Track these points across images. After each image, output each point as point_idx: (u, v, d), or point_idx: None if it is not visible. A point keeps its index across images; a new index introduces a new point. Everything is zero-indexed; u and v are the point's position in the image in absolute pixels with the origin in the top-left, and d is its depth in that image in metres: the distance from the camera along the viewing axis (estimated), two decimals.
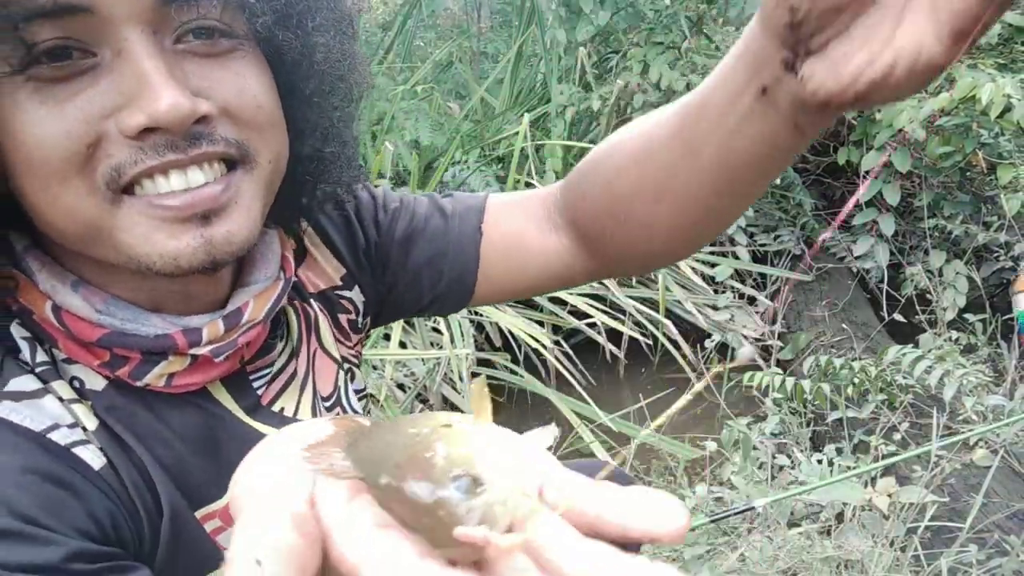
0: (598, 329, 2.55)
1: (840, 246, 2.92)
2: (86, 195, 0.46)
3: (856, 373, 1.98)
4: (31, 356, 0.52)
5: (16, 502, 0.45)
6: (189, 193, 0.47)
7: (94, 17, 0.44)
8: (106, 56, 0.45)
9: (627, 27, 3.15)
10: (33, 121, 0.44)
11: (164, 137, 0.46)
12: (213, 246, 0.48)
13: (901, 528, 1.57)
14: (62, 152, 0.45)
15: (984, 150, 2.57)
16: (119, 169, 0.46)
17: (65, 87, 0.45)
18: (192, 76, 0.47)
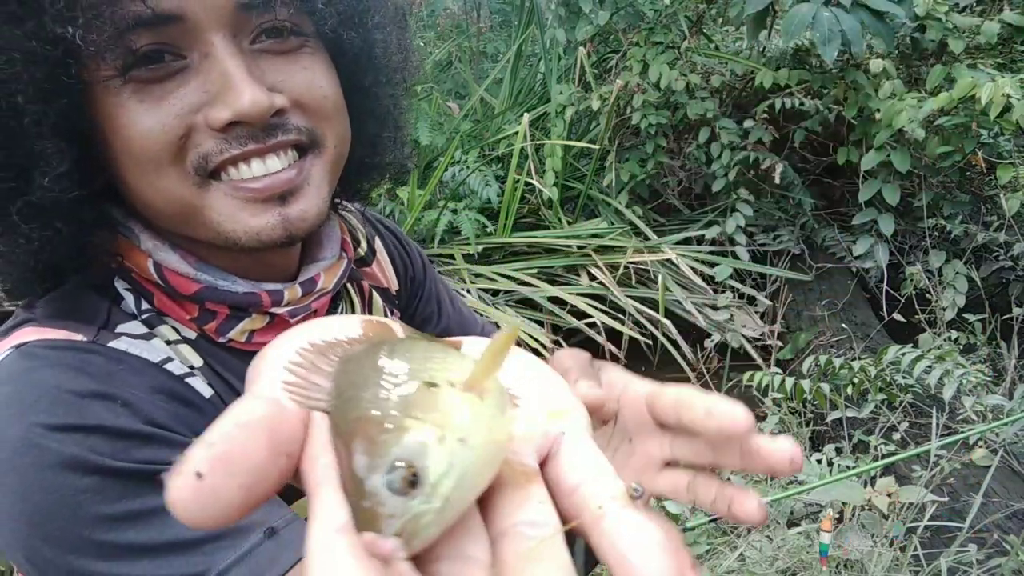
0: (598, 329, 2.55)
1: (840, 246, 2.92)
2: (179, 180, 0.53)
3: (855, 373, 1.98)
4: (135, 305, 0.58)
5: (151, 412, 0.51)
6: (268, 177, 0.54)
7: (184, 24, 0.50)
8: (194, 58, 0.52)
9: (627, 27, 3.15)
10: (134, 117, 0.51)
11: (246, 129, 0.52)
12: (290, 223, 0.55)
13: (901, 528, 1.57)
14: (158, 144, 0.51)
15: (984, 150, 2.57)
16: (206, 157, 0.52)
17: (160, 87, 0.51)
18: (268, 73, 0.54)
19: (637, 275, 2.80)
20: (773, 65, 2.92)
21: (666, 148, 3.00)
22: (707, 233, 2.95)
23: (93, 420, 0.49)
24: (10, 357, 0.53)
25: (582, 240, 2.85)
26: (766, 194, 3.05)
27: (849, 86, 2.73)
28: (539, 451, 0.27)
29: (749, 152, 2.86)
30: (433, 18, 4.87)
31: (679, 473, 0.42)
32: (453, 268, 2.70)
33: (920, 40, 2.79)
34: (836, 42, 2.42)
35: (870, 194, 2.74)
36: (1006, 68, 2.91)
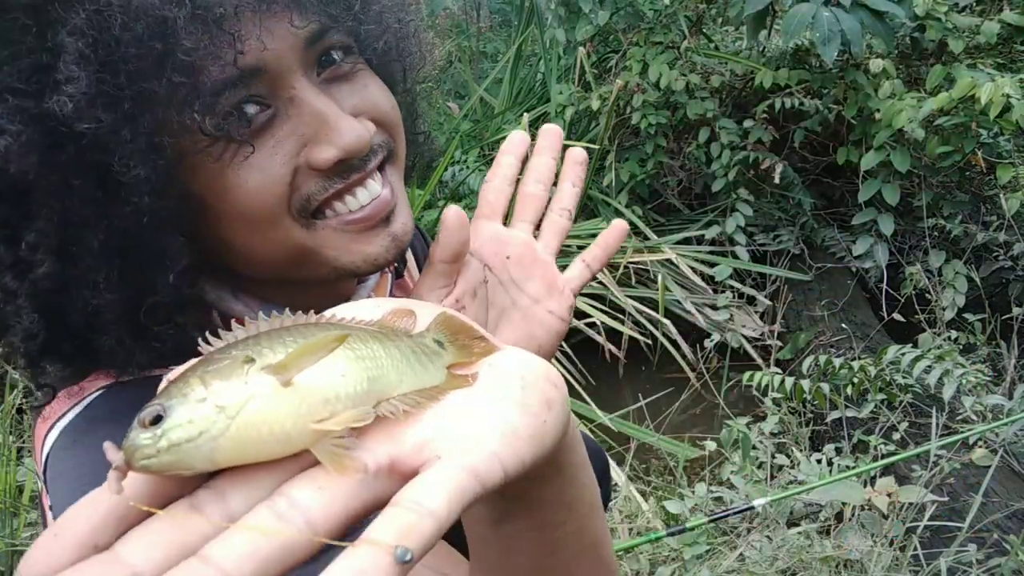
0: (598, 329, 2.55)
1: (839, 246, 2.92)
2: (290, 227, 0.52)
3: (855, 373, 1.98)
4: None
5: None
6: (371, 204, 0.55)
7: (266, 74, 0.50)
8: (280, 105, 0.51)
9: (626, 27, 3.15)
10: (244, 175, 0.50)
11: (347, 164, 0.52)
12: (399, 239, 0.57)
13: (900, 528, 1.57)
14: (272, 196, 0.51)
15: (983, 150, 2.57)
16: (310, 198, 0.52)
17: (257, 140, 0.50)
18: (344, 100, 0.54)
19: (637, 275, 2.80)
20: (773, 65, 2.92)
21: (666, 148, 3.00)
22: (707, 233, 2.95)
23: None
24: (103, 396, 0.53)
25: (582, 240, 2.85)
26: (766, 194, 3.05)
27: (849, 86, 2.73)
28: (396, 458, 0.29)
29: (749, 152, 2.86)
30: (432, 18, 4.86)
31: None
32: None
33: (920, 40, 2.79)
34: (836, 42, 2.42)
35: (870, 194, 2.74)
36: (1006, 68, 2.91)
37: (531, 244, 0.68)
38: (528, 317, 0.64)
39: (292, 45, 0.50)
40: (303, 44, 0.51)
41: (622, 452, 2.12)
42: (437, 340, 0.35)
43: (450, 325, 0.37)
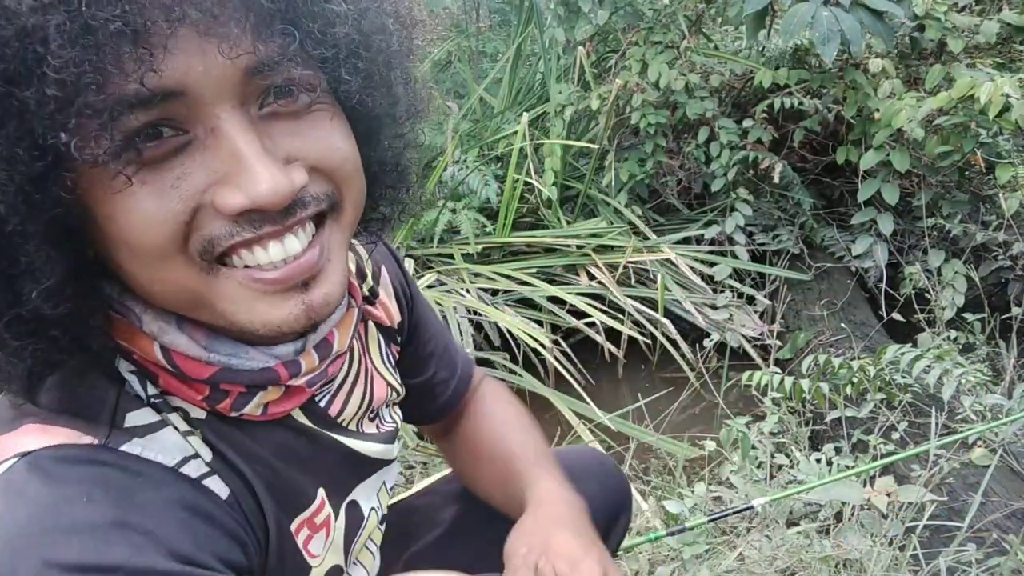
0: (597, 328, 2.55)
1: (839, 245, 2.92)
2: (184, 268, 0.48)
3: (855, 372, 1.98)
4: (142, 389, 0.54)
5: (173, 541, 0.47)
6: (288, 265, 0.49)
7: (186, 97, 0.44)
8: (199, 133, 0.46)
9: (626, 26, 3.15)
10: (133, 204, 0.45)
11: (262, 214, 0.47)
12: (313, 310, 0.51)
13: (900, 527, 1.57)
14: (164, 233, 0.46)
15: (983, 149, 2.57)
16: (213, 241, 0.47)
17: (159, 167, 0.45)
18: (281, 141, 0.48)
19: (636, 275, 2.80)
20: (772, 65, 2.92)
21: (665, 148, 3.00)
22: (706, 233, 2.95)
23: (111, 559, 0.44)
24: (16, 469, 0.47)
25: (581, 240, 2.85)
26: (765, 194, 3.05)
27: (848, 85, 2.73)
28: None
29: (748, 152, 2.86)
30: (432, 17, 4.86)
31: None
32: (452, 268, 2.70)
33: (919, 40, 2.79)
34: (835, 42, 2.42)
35: (869, 193, 2.74)
36: (1005, 68, 2.91)
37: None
38: None
39: (224, 73, 0.45)
40: (241, 74, 0.45)
41: (621, 452, 2.12)
42: None
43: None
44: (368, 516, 0.73)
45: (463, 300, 2.46)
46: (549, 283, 2.68)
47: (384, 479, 0.76)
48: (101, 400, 0.52)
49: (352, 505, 0.70)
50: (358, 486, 0.71)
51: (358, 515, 0.71)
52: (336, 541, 0.67)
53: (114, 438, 0.50)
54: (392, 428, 0.77)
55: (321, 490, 0.65)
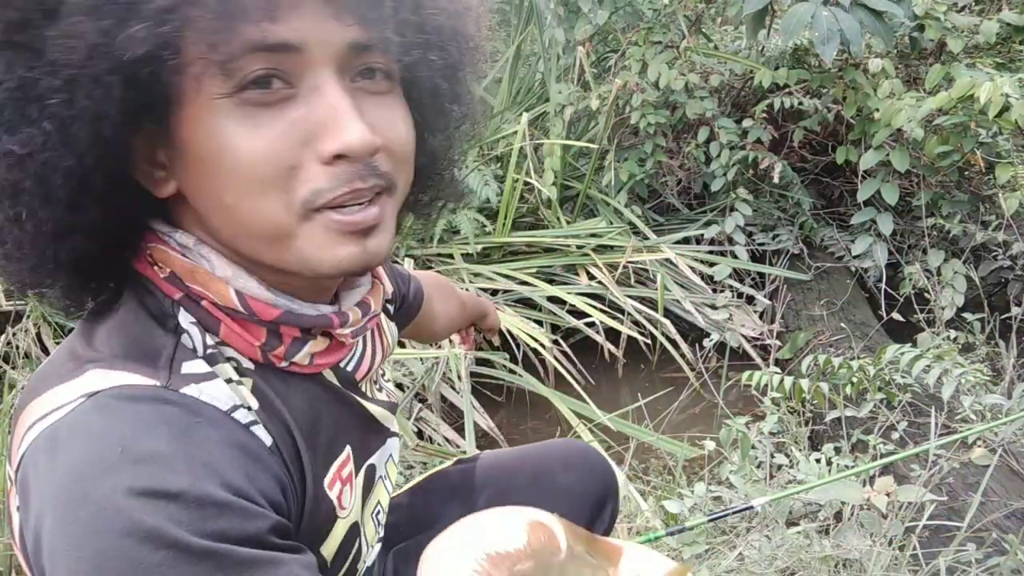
0: (597, 328, 2.55)
1: (838, 245, 2.92)
2: (282, 208, 0.53)
3: (854, 372, 1.98)
4: (200, 340, 0.59)
5: (228, 474, 0.51)
6: (361, 212, 0.55)
7: (300, 55, 0.51)
8: (303, 89, 0.52)
9: (625, 26, 3.15)
10: (243, 139, 0.51)
11: (352, 165, 0.53)
12: (368, 255, 0.57)
13: (899, 527, 1.57)
14: (268, 167, 0.52)
15: (982, 149, 2.57)
16: (318, 193, 0.53)
17: (268, 111, 0.51)
18: (366, 112, 0.54)
19: (636, 274, 2.80)
20: (772, 64, 2.92)
21: (665, 147, 3.00)
22: (706, 232, 2.95)
23: (175, 486, 0.48)
24: (84, 408, 0.52)
25: (581, 239, 2.85)
26: (765, 193, 3.05)
27: (848, 85, 2.73)
28: None
29: (748, 151, 2.86)
30: None
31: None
32: (452, 268, 2.70)
33: (919, 39, 2.79)
34: (835, 41, 2.42)
35: (869, 193, 2.74)
36: (1005, 67, 2.91)
37: None
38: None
39: (336, 41, 0.52)
40: (347, 46, 0.52)
41: (621, 452, 2.12)
42: (589, 553, 0.40)
43: (578, 535, 0.41)
44: (376, 483, 0.77)
45: None
46: (549, 283, 2.68)
47: (391, 451, 0.79)
48: (159, 349, 0.56)
49: (370, 468, 0.75)
50: (376, 451, 0.76)
51: (372, 478, 0.75)
52: (356, 497, 0.72)
53: (174, 381, 0.55)
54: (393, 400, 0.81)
55: (348, 446, 0.70)
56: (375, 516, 0.78)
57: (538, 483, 1.02)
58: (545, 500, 0.94)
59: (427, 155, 0.67)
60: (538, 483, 1.02)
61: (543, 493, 0.99)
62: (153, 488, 0.48)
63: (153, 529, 0.46)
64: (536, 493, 0.99)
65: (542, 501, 0.95)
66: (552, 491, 1.01)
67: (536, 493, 0.99)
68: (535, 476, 1.03)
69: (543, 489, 1.01)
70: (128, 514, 0.47)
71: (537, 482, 1.02)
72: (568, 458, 1.05)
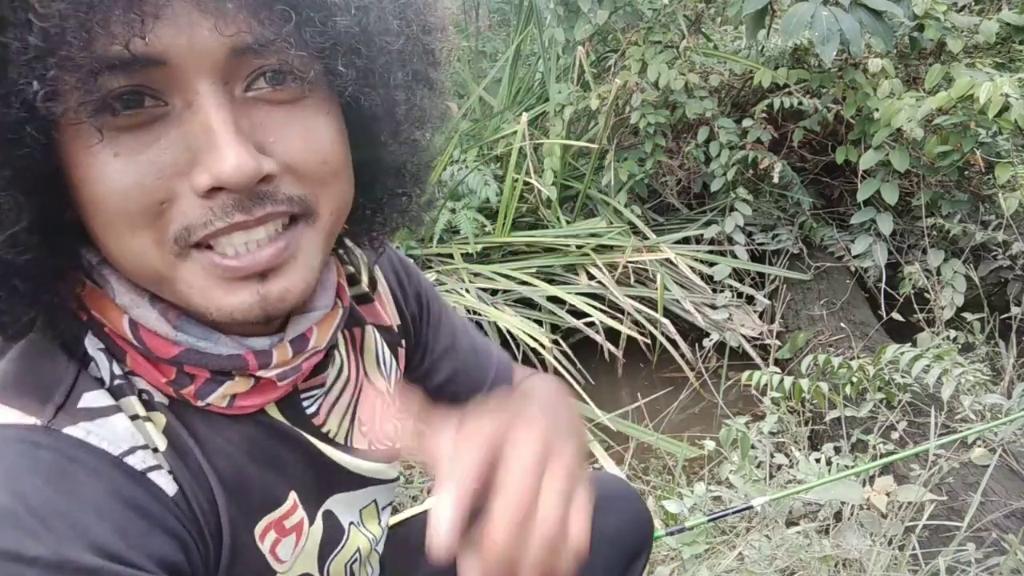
0: (596, 328, 2.55)
1: (838, 245, 2.92)
2: (153, 246, 0.47)
3: (854, 372, 1.98)
4: (107, 368, 0.53)
5: (100, 535, 0.45)
6: (250, 254, 0.48)
7: (167, 68, 0.44)
8: (176, 105, 0.45)
9: (625, 26, 3.15)
10: (106, 170, 0.45)
11: (231, 197, 0.46)
12: (268, 302, 0.50)
13: (899, 527, 1.57)
14: (134, 205, 0.45)
15: (982, 149, 2.57)
16: (190, 229, 0.47)
17: (136, 137, 0.45)
18: (259, 128, 0.47)
19: (636, 274, 2.80)
20: (772, 64, 2.92)
21: (665, 147, 3.00)
22: (706, 232, 2.95)
23: (31, 550, 0.42)
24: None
25: (581, 239, 2.85)
26: (765, 193, 3.05)
27: (848, 85, 2.73)
28: None
29: (748, 151, 2.86)
30: None
31: None
32: (452, 267, 2.69)
33: (919, 39, 2.79)
34: (835, 41, 2.42)
35: (869, 193, 2.74)
36: (1004, 67, 2.91)
37: None
38: None
39: (209, 47, 0.44)
40: (227, 50, 0.45)
41: (621, 451, 2.12)
42: None
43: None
44: (348, 531, 0.68)
45: (463, 300, 2.46)
46: (549, 283, 2.68)
47: (376, 497, 0.72)
48: (58, 379, 0.50)
49: (328, 514, 0.66)
50: (335, 496, 0.67)
51: (337, 526, 0.67)
52: (309, 549, 0.64)
53: (60, 420, 0.48)
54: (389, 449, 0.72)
55: (293, 492, 0.62)
56: (351, 565, 0.69)
57: None
58: None
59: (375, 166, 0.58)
60: None
61: None
62: (5, 551, 0.42)
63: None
64: None
65: None
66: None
67: None
68: None
69: None
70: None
71: None
72: (609, 499, 0.95)
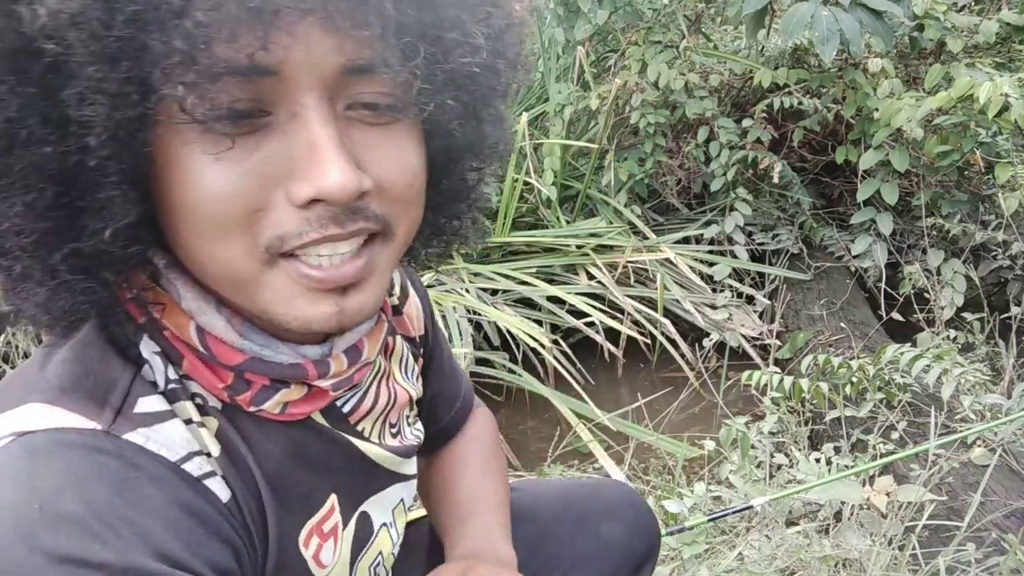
0: (596, 328, 2.55)
1: (838, 245, 2.92)
2: (243, 253, 0.47)
3: (854, 372, 1.98)
4: (161, 372, 0.53)
5: (163, 543, 0.46)
6: (335, 268, 0.49)
7: (279, 79, 0.44)
8: (280, 116, 0.45)
9: (625, 26, 3.15)
10: (206, 174, 0.45)
11: (328, 210, 0.46)
12: (345, 315, 0.51)
13: (899, 527, 1.57)
14: (230, 211, 0.45)
15: (982, 149, 2.57)
16: (283, 238, 0.47)
17: (238, 143, 0.45)
18: (357, 146, 0.48)
19: (636, 274, 2.80)
20: (772, 64, 2.92)
21: (665, 147, 3.00)
22: (706, 232, 2.96)
23: (98, 556, 0.43)
24: (10, 450, 0.46)
25: (581, 239, 2.85)
26: (765, 193, 3.05)
27: (847, 85, 2.73)
28: None
29: (748, 151, 2.86)
30: None
31: None
32: (451, 267, 2.70)
33: (918, 39, 2.79)
34: (835, 41, 2.42)
35: (868, 193, 2.74)
36: (1004, 67, 2.91)
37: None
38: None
39: (321, 62, 0.44)
40: (338, 68, 0.45)
41: (621, 451, 2.12)
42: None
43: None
44: (378, 532, 0.70)
45: (462, 300, 2.46)
46: (548, 283, 2.68)
47: (403, 495, 0.74)
48: (113, 382, 0.51)
49: (363, 516, 0.68)
50: (372, 497, 0.69)
51: (368, 528, 0.68)
52: (343, 553, 0.65)
53: (119, 425, 0.49)
54: (413, 444, 0.75)
55: (333, 495, 0.63)
56: (374, 568, 0.71)
57: (582, 530, 0.95)
58: (587, 550, 0.92)
59: (447, 193, 0.60)
60: (582, 530, 0.95)
61: (586, 542, 0.93)
62: (72, 556, 0.43)
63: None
64: (579, 541, 0.93)
65: (584, 550, 0.92)
66: (595, 541, 0.94)
67: (579, 541, 0.93)
68: (579, 522, 0.95)
69: (586, 538, 0.94)
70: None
71: (581, 529, 0.95)
72: (615, 507, 0.97)
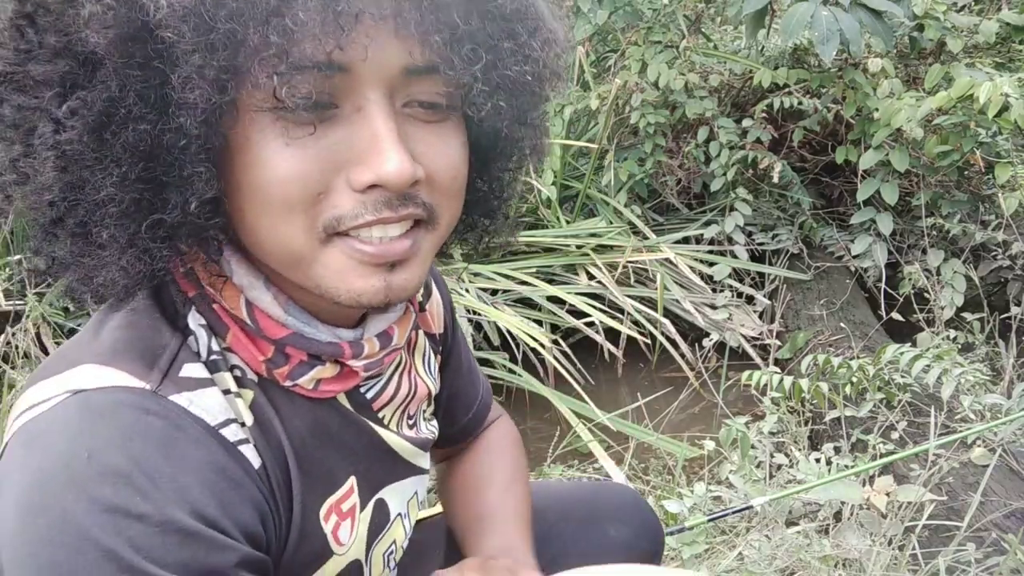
0: (596, 328, 2.55)
1: (838, 245, 2.92)
2: (302, 231, 0.51)
3: (854, 372, 1.98)
4: (205, 343, 0.57)
5: (200, 501, 0.49)
6: (384, 244, 0.53)
7: (348, 75, 0.49)
8: (346, 109, 0.50)
9: (625, 26, 3.15)
10: (276, 158, 0.49)
11: (384, 195, 0.51)
12: (391, 290, 0.55)
13: (899, 527, 1.57)
14: (295, 193, 0.50)
15: (982, 149, 2.57)
16: (340, 219, 0.51)
17: (307, 131, 0.49)
18: (411, 139, 0.52)
19: (636, 274, 2.80)
20: (772, 64, 2.92)
21: (665, 147, 3.00)
22: (706, 232, 2.96)
23: (139, 507, 0.47)
24: (65, 405, 0.50)
25: (581, 239, 2.85)
26: (764, 193, 3.05)
27: (847, 85, 2.73)
28: None
29: (748, 151, 2.86)
30: None
31: None
32: (451, 267, 2.69)
33: (918, 39, 2.79)
34: (834, 41, 2.42)
35: (868, 193, 2.74)
36: (1004, 67, 2.91)
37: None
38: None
39: (388, 62, 0.49)
40: (401, 69, 0.50)
41: (621, 451, 2.12)
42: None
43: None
44: (394, 520, 0.72)
45: (462, 300, 2.46)
46: (548, 283, 2.68)
47: (417, 488, 0.76)
48: (162, 347, 0.54)
49: (380, 503, 0.70)
50: (390, 485, 0.72)
51: (384, 515, 0.71)
52: (360, 534, 0.68)
53: (166, 387, 0.52)
54: (427, 437, 0.77)
55: (352, 477, 0.66)
56: (387, 555, 0.73)
57: (588, 532, 0.98)
58: (594, 551, 0.94)
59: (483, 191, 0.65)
60: (588, 532, 0.98)
61: (592, 544, 0.96)
62: (116, 505, 0.46)
63: (110, 551, 0.45)
64: (586, 543, 0.96)
65: (591, 552, 0.93)
66: (602, 543, 0.96)
67: (586, 543, 0.96)
68: (585, 524, 0.98)
69: (593, 540, 0.97)
70: (86, 531, 0.45)
71: (587, 531, 0.98)
72: (621, 510, 1.01)
